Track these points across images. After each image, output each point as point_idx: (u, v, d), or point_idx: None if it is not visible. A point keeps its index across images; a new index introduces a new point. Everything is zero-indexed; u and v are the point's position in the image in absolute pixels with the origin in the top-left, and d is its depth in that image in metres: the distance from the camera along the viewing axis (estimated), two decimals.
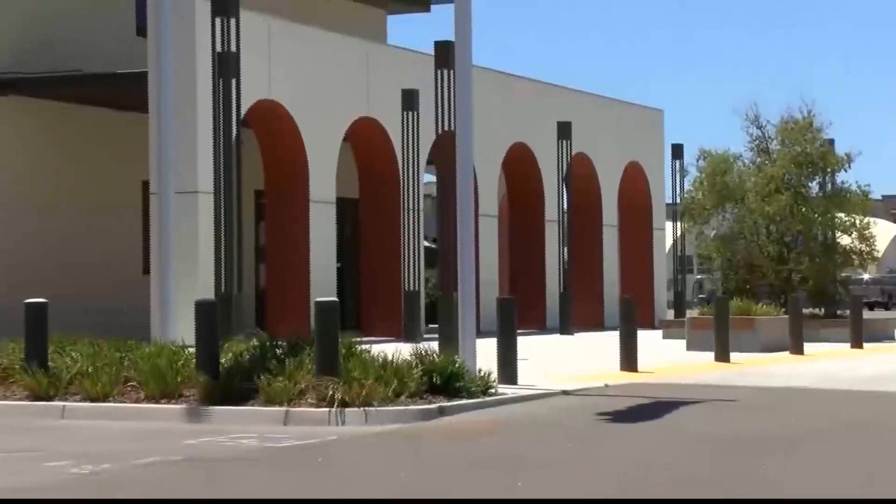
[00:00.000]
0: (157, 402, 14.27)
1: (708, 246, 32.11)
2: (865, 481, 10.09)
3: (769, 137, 30.98)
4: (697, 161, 31.27)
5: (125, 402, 14.38)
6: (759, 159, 30.99)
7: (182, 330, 16.46)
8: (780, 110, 31.80)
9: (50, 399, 14.59)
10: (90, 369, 14.81)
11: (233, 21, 21.27)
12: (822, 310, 29.25)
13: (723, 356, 21.49)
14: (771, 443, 12.25)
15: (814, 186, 30.74)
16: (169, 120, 17.76)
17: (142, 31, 26.44)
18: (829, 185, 30.60)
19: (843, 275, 31.23)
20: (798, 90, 69.65)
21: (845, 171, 30.79)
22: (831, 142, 30.77)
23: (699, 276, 54.30)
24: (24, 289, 20.20)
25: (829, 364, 21.70)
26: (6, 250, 24.08)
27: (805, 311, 26.19)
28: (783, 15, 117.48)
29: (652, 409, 14.77)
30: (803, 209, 29.95)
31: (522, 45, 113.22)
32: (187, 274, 21.36)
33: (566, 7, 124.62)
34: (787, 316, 24.63)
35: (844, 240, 30.60)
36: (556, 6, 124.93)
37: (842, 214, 30.38)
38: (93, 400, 14.44)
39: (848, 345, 25.37)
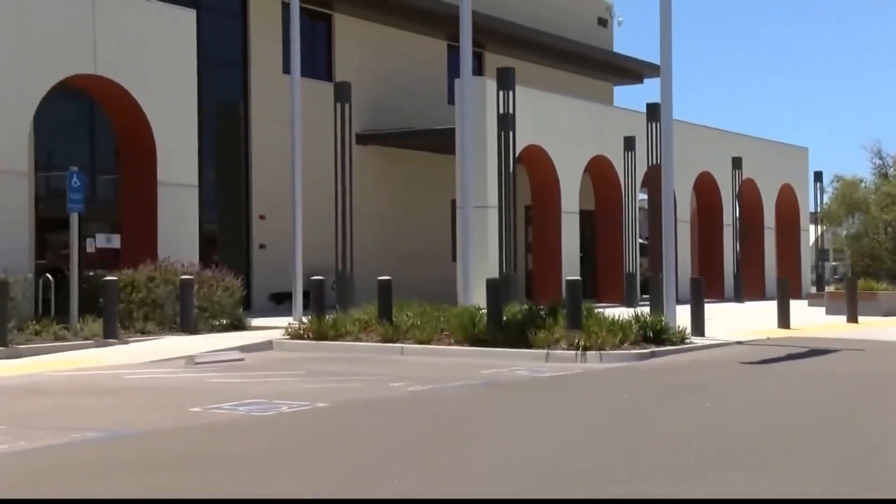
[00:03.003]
0: (462, 345, 14.46)
1: (841, 242, 31.02)
2: None
3: (889, 165, 29.62)
4: (833, 183, 30.20)
5: (441, 345, 14.62)
6: (878, 181, 29.65)
7: (477, 298, 16.64)
8: None
9: (393, 342, 14.95)
10: (419, 322, 15.13)
11: (510, 93, 21.41)
12: None
13: (853, 319, 20.44)
14: (893, 379, 11.60)
15: None
16: (469, 159, 17.98)
17: (451, 100, 26.92)
18: None
19: None
20: None
21: None
22: None
23: (834, 263, 51.82)
24: (378, 271, 20.80)
25: None
26: (368, 247, 24.85)
27: None
28: None
29: (802, 355, 14.17)
30: None
31: (707, 98, 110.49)
32: (480, 260, 21.61)
33: (743, 77, 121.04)
34: None
35: None
36: (735, 79, 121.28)
37: None
38: (420, 343, 14.75)
39: None
